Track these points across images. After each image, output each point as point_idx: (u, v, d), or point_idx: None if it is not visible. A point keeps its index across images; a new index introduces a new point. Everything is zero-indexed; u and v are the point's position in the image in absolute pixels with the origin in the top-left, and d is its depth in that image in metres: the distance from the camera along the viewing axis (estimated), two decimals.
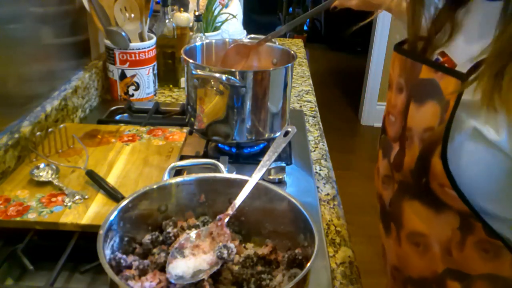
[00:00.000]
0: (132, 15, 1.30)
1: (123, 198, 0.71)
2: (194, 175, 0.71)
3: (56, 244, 0.75)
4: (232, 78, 0.96)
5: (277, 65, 1.15)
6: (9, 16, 0.96)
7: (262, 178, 0.67)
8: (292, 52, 1.09)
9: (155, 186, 0.67)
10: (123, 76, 1.33)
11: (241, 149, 1.11)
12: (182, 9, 1.48)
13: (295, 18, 1.17)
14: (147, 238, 0.65)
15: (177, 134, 1.07)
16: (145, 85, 1.36)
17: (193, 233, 0.64)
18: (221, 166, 0.78)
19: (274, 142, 0.72)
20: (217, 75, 0.96)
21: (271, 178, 0.98)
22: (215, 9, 1.56)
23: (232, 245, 0.61)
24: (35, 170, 0.87)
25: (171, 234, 0.66)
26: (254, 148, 1.12)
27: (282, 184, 0.99)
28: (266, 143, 1.12)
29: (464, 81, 0.58)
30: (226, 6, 1.63)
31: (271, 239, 0.68)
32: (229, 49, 1.13)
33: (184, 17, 1.42)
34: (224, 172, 0.78)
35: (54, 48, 1.18)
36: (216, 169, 0.79)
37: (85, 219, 0.76)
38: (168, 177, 0.76)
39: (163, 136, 1.06)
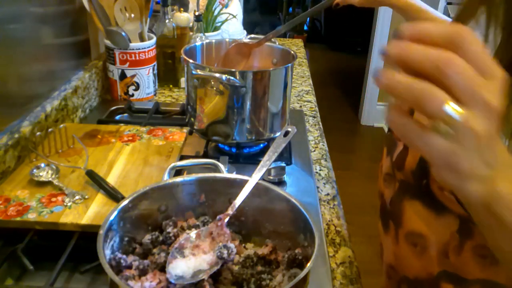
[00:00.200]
0: (132, 15, 1.30)
1: (123, 198, 0.71)
2: (194, 175, 0.70)
3: (56, 244, 0.75)
4: (232, 78, 0.96)
5: (277, 65, 1.14)
6: (9, 16, 0.96)
7: (262, 178, 0.67)
8: (292, 52, 1.09)
9: (155, 186, 0.67)
10: (123, 76, 1.33)
11: (241, 149, 1.11)
12: (182, 9, 1.48)
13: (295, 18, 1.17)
14: (147, 238, 0.65)
15: (177, 134, 1.07)
16: (145, 85, 1.36)
17: (193, 233, 0.64)
18: (221, 166, 0.78)
19: (274, 142, 0.72)
20: (217, 75, 0.96)
21: (271, 178, 0.98)
22: (215, 9, 1.56)
23: (232, 245, 0.61)
24: (35, 170, 0.87)
25: (171, 234, 0.66)
26: (254, 148, 1.12)
27: (282, 184, 0.99)
28: (266, 143, 1.12)
29: None
30: (226, 6, 1.63)
31: (271, 239, 0.68)
32: (229, 49, 1.13)
33: (184, 17, 1.42)
34: (224, 172, 0.78)
35: (54, 48, 1.18)
36: (216, 169, 0.79)
37: (85, 219, 0.76)
38: (168, 177, 0.76)
39: (163, 136, 1.06)
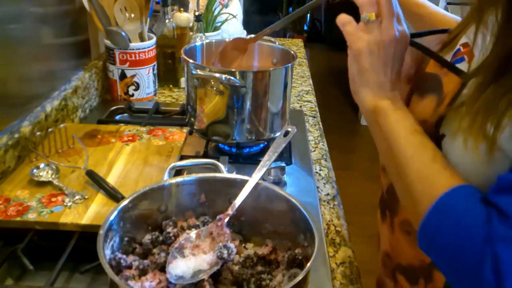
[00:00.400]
0: (132, 15, 1.30)
1: (123, 198, 0.71)
2: (194, 175, 0.70)
3: (56, 244, 0.75)
4: (232, 78, 0.96)
5: (277, 65, 1.14)
6: (9, 16, 0.96)
7: (262, 178, 0.68)
8: (292, 52, 1.09)
9: (155, 186, 0.67)
10: (123, 76, 1.33)
11: (241, 149, 1.11)
12: (182, 9, 1.48)
13: None
14: (147, 238, 0.65)
15: (177, 134, 1.07)
16: (145, 85, 1.36)
17: (193, 233, 0.65)
18: (221, 166, 0.78)
19: (274, 142, 0.72)
20: (217, 75, 0.96)
21: (271, 178, 0.98)
22: (215, 9, 1.56)
23: (232, 245, 0.61)
24: (35, 170, 0.87)
25: (171, 234, 0.66)
26: (254, 148, 1.12)
27: (282, 184, 0.99)
28: (266, 143, 1.12)
29: (464, 80, 0.57)
30: (226, 6, 1.63)
31: (271, 239, 0.68)
32: (226, 44, 1.12)
33: (184, 17, 1.42)
34: (224, 172, 0.78)
35: (54, 48, 1.18)
36: (216, 169, 0.79)
37: (85, 219, 0.76)
38: (168, 177, 0.76)
39: (163, 136, 1.06)
